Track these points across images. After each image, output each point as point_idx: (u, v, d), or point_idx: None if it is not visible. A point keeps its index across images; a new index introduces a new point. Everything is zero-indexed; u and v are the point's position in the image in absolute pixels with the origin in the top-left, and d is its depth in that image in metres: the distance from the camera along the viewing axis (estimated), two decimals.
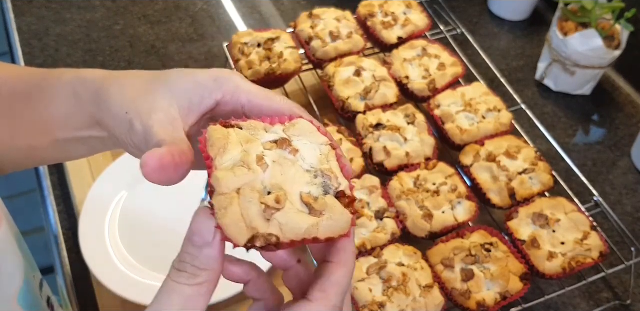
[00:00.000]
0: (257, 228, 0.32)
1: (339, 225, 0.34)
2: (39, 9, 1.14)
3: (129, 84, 0.40)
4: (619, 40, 0.95)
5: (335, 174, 0.35)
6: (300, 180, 0.34)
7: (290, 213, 0.33)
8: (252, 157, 0.34)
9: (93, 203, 0.82)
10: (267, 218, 0.32)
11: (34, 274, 0.57)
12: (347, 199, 0.35)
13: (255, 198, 0.33)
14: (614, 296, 0.80)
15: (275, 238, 0.32)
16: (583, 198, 0.82)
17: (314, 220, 0.33)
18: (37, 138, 0.46)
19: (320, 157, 0.36)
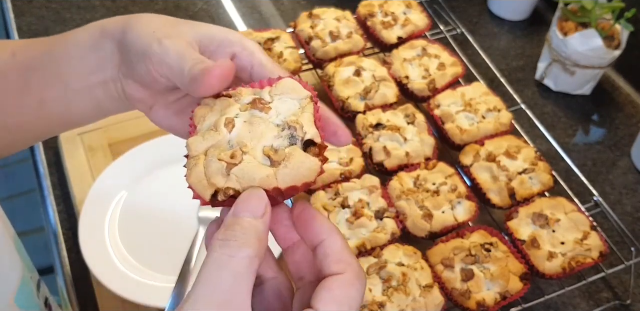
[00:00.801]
0: (216, 183, 0.34)
1: (299, 172, 0.35)
2: (39, 9, 1.14)
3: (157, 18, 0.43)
4: (619, 40, 0.95)
5: (302, 124, 0.36)
6: (268, 135, 0.36)
7: (247, 167, 0.35)
8: (221, 120, 0.36)
9: (93, 203, 0.82)
10: (227, 173, 0.35)
11: (31, 275, 0.56)
12: (315, 148, 0.36)
13: (215, 156, 0.35)
14: (614, 296, 0.80)
15: (234, 191, 0.34)
16: (583, 198, 0.82)
17: (270, 170, 0.35)
18: (48, 91, 0.46)
19: (295, 111, 0.37)
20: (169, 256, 0.78)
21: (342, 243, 0.36)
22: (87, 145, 0.90)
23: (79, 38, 0.46)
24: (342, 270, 0.35)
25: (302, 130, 0.36)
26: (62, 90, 0.46)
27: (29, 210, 1.38)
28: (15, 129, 0.50)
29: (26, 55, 0.47)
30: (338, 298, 0.34)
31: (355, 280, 0.35)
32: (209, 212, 0.82)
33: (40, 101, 0.47)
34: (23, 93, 0.47)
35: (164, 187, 0.86)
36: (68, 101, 0.47)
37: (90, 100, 0.47)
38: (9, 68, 0.47)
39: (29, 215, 1.34)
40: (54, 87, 0.46)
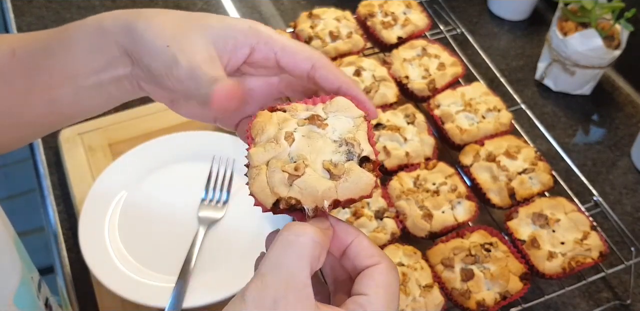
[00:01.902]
0: (279, 193, 0.37)
1: (357, 186, 0.37)
2: (39, 9, 1.14)
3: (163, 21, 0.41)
4: (619, 40, 0.95)
5: (359, 141, 0.39)
6: (326, 150, 0.38)
7: (310, 179, 0.37)
8: (282, 134, 0.39)
9: (93, 203, 0.82)
10: (289, 184, 0.37)
11: (31, 275, 0.56)
12: (370, 164, 0.38)
13: (279, 168, 0.37)
14: (614, 296, 0.80)
15: (296, 200, 0.37)
16: (583, 198, 0.82)
17: (331, 183, 0.37)
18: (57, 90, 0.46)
19: (350, 129, 0.39)
20: (169, 256, 0.78)
21: (369, 241, 0.38)
22: (87, 145, 0.90)
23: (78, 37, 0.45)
24: (377, 261, 0.37)
25: (359, 147, 0.39)
26: (71, 88, 0.46)
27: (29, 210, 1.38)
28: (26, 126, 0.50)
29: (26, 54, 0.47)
30: (383, 283, 0.36)
31: (392, 268, 0.37)
32: (209, 212, 0.83)
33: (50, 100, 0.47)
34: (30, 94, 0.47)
35: (164, 187, 0.86)
36: (79, 97, 0.47)
37: (101, 95, 0.47)
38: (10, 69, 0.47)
39: (29, 215, 1.34)
40: (62, 85, 0.46)
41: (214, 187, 0.85)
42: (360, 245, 0.38)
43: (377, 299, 0.35)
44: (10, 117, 0.48)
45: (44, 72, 0.46)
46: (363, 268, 0.37)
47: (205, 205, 0.83)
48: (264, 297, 0.33)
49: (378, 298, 0.35)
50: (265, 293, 0.33)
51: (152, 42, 0.41)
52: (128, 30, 0.42)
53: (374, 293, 0.36)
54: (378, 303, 0.35)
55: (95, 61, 0.45)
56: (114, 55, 0.44)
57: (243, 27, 0.41)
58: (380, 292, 0.36)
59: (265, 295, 0.33)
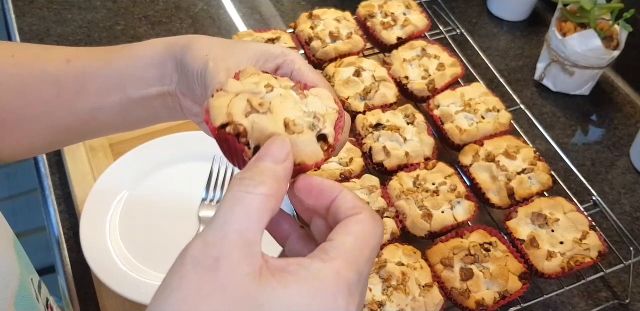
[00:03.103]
0: (233, 116, 0.37)
1: (303, 149, 0.37)
2: (40, 10, 1.15)
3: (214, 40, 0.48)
4: (617, 41, 0.95)
5: (326, 120, 0.39)
6: (294, 112, 0.39)
7: (265, 119, 0.37)
8: (264, 82, 0.40)
9: (94, 202, 0.82)
10: (246, 115, 0.37)
11: (31, 277, 0.56)
12: (326, 144, 0.39)
13: (246, 98, 0.38)
14: (612, 296, 0.80)
15: (243, 130, 0.37)
16: (582, 198, 0.83)
17: (282, 132, 0.37)
18: (105, 97, 0.49)
19: (323, 111, 0.40)
20: (170, 256, 0.78)
21: (353, 195, 0.37)
22: (88, 145, 0.90)
23: (144, 52, 0.49)
24: (357, 212, 0.35)
25: (324, 124, 0.39)
26: (119, 98, 0.48)
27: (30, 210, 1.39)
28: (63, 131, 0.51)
29: (81, 62, 0.49)
30: (353, 232, 0.34)
31: (370, 218, 0.35)
32: (209, 212, 0.83)
33: (94, 107, 0.49)
34: (78, 99, 0.49)
35: (164, 186, 0.86)
36: (123, 108, 0.49)
37: (146, 109, 0.49)
38: (63, 74, 0.49)
39: (30, 214, 1.34)
40: (112, 94, 0.48)
41: (214, 187, 0.85)
42: (343, 199, 0.36)
43: (342, 244, 0.33)
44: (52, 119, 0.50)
45: (97, 79, 0.48)
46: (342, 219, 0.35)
47: (205, 205, 0.84)
48: (204, 256, 0.30)
49: (344, 243, 0.33)
50: (206, 251, 0.31)
51: (196, 50, 0.46)
52: (186, 45, 0.47)
53: (340, 239, 0.33)
54: (341, 247, 0.33)
55: (151, 74, 0.48)
56: (167, 70, 0.47)
57: (276, 50, 0.47)
58: (348, 239, 0.33)
59: (207, 254, 0.30)
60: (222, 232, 0.31)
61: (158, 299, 0.30)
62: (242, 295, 0.30)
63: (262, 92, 0.39)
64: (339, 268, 0.32)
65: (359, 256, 0.33)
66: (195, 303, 0.29)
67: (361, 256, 0.33)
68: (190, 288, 0.30)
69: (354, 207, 0.36)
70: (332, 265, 0.32)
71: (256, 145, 0.37)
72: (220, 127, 0.37)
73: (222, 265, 0.30)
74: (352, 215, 0.35)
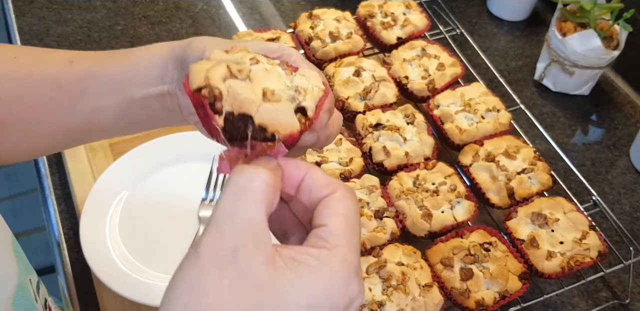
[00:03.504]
0: (210, 79, 0.37)
1: (278, 118, 0.37)
2: (40, 10, 1.15)
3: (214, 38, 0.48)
4: (617, 41, 0.95)
5: (307, 94, 0.39)
6: (276, 84, 0.39)
7: (242, 85, 0.37)
8: (250, 55, 0.40)
9: (94, 202, 0.82)
10: (223, 80, 0.37)
11: (29, 277, 0.56)
12: (304, 117, 0.39)
13: (227, 64, 0.38)
14: (612, 296, 0.80)
15: (219, 94, 0.36)
16: (582, 198, 0.83)
17: (258, 99, 0.37)
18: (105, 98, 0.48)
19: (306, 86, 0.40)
20: (170, 256, 0.78)
21: (321, 172, 0.37)
22: (88, 145, 0.90)
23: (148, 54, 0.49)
24: (333, 190, 0.36)
25: (304, 97, 0.39)
26: (119, 99, 0.48)
27: (30, 210, 1.39)
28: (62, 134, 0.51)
29: (84, 64, 0.50)
30: (341, 211, 0.35)
31: (348, 195, 0.36)
32: (209, 212, 0.83)
33: (95, 108, 0.49)
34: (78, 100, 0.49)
35: (164, 186, 0.86)
36: (123, 110, 0.49)
37: (145, 111, 0.49)
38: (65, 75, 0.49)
39: (30, 214, 1.34)
40: (111, 95, 0.48)
41: (214, 187, 0.85)
42: (313, 177, 0.37)
43: (337, 228, 0.34)
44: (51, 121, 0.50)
45: (98, 80, 0.48)
46: (320, 199, 0.36)
47: (205, 205, 0.84)
48: (221, 248, 0.31)
49: (338, 227, 0.34)
50: (222, 243, 0.31)
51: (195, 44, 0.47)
52: (187, 44, 0.48)
53: (333, 223, 0.34)
54: (338, 231, 0.34)
55: (153, 75, 0.48)
56: (169, 70, 0.48)
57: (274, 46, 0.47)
58: (339, 221, 0.34)
59: (223, 246, 0.31)
60: (233, 222, 0.32)
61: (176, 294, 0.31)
62: (262, 284, 0.30)
63: (246, 63, 0.39)
64: (345, 254, 0.33)
65: (354, 237, 0.34)
66: (220, 296, 0.30)
67: (355, 236, 0.35)
68: (212, 281, 0.30)
69: (328, 185, 0.36)
70: (337, 252, 0.33)
71: (229, 111, 0.37)
72: (197, 90, 0.37)
73: (239, 256, 0.31)
74: (330, 193, 0.36)
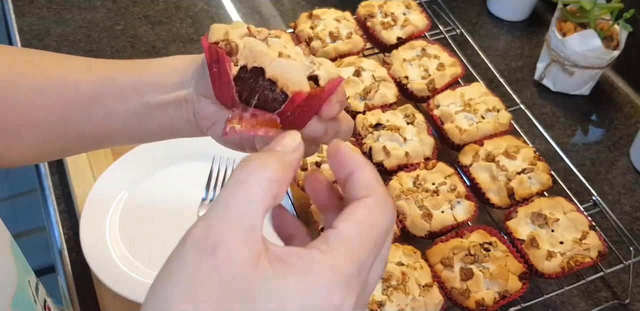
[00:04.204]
0: (229, 35, 0.38)
1: (290, 73, 0.38)
2: (40, 10, 1.15)
3: None
4: (617, 41, 0.95)
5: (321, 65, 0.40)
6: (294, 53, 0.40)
7: (259, 43, 0.38)
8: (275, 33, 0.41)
9: (94, 203, 0.82)
10: (242, 37, 0.39)
11: (28, 278, 0.56)
12: (315, 84, 0.39)
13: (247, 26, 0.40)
14: (612, 296, 0.81)
15: (235, 46, 0.38)
16: (582, 198, 0.83)
17: (273, 53, 0.38)
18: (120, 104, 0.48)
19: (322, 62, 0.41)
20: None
21: (371, 173, 0.35)
22: None
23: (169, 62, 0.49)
24: (367, 195, 0.33)
25: (319, 67, 0.40)
26: (135, 104, 0.48)
27: (30, 210, 1.39)
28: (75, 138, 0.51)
29: (103, 70, 0.49)
30: (359, 219, 0.32)
31: (381, 202, 0.33)
32: None
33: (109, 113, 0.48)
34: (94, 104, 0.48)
35: (164, 186, 0.86)
36: (138, 116, 0.49)
37: (160, 117, 0.49)
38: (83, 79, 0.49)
39: (30, 214, 1.34)
40: (126, 100, 0.48)
41: (214, 187, 0.85)
42: (359, 176, 0.34)
43: (345, 233, 0.31)
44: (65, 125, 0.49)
45: (116, 84, 0.48)
46: (353, 200, 0.33)
47: (205, 205, 0.84)
48: (204, 240, 0.30)
49: (347, 232, 0.31)
50: (207, 235, 0.30)
51: None
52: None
53: (344, 227, 0.31)
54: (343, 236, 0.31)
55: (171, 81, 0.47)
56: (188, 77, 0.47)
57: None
58: (352, 227, 0.31)
59: (207, 238, 0.30)
60: (223, 215, 0.30)
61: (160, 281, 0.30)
62: (237, 280, 0.29)
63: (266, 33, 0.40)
64: (338, 260, 0.30)
65: (361, 246, 0.31)
66: (191, 287, 0.29)
67: (363, 246, 0.31)
68: (188, 271, 0.29)
69: (367, 188, 0.34)
70: (330, 257, 0.30)
71: (244, 65, 0.37)
72: (213, 44, 0.38)
73: (220, 249, 0.29)
74: (361, 197, 0.33)
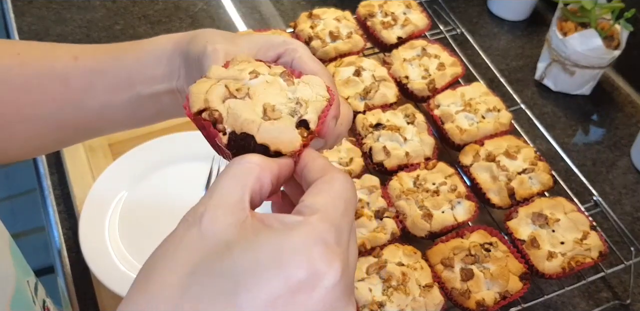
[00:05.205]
0: (210, 102, 0.37)
1: (279, 136, 0.37)
2: (39, 10, 1.14)
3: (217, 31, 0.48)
4: (618, 41, 0.95)
5: (308, 106, 0.39)
6: (277, 98, 0.38)
7: (242, 104, 0.37)
8: (250, 69, 0.40)
9: (93, 203, 0.82)
10: (223, 101, 0.37)
11: (27, 279, 0.56)
12: (305, 131, 0.38)
13: (224, 84, 0.38)
14: (613, 296, 0.80)
15: (219, 116, 0.37)
16: (583, 198, 0.83)
17: (257, 118, 0.37)
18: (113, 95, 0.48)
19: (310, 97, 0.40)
20: None
21: (324, 160, 0.37)
22: (87, 145, 0.90)
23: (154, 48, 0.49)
24: (324, 174, 0.36)
25: (306, 110, 0.39)
26: (128, 95, 0.48)
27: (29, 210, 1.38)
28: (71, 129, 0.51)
29: (90, 59, 0.49)
30: (326, 190, 0.34)
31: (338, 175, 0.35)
32: None
33: (105, 104, 0.49)
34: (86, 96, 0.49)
35: (164, 186, 0.86)
36: (133, 105, 0.49)
37: (155, 106, 0.49)
38: (71, 71, 0.49)
39: (29, 215, 1.34)
40: (121, 92, 0.48)
41: None
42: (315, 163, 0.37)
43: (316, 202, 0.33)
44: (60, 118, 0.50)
45: (106, 76, 0.48)
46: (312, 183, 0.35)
47: None
48: (191, 214, 0.32)
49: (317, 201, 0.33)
50: (195, 210, 0.32)
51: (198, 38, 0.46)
52: (191, 37, 0.47)
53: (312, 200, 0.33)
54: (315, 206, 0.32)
55: (160, 71, 0.47)
56: (175, 66, 0.47)
57: (277, 40, 0.46)
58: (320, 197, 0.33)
59: (194, 212, 0.32)
60: (211, 195, 0.33)
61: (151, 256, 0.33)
62: (217, 242, 0.30)
63: (245, 78, 0.39)
64: (314, 221, 0.31)
65: (334, 210, 0.33)
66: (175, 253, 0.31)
67: (336, 210, 0.33)
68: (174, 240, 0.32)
69: (322, 170, 0.36)
70: (307, 220, 0.31)
71: (232, 131, 0.37)
72: (197, 114, 0.37)
73: (204, 219, 0.31)
74: (320, 177, 0.35)
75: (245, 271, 0.29)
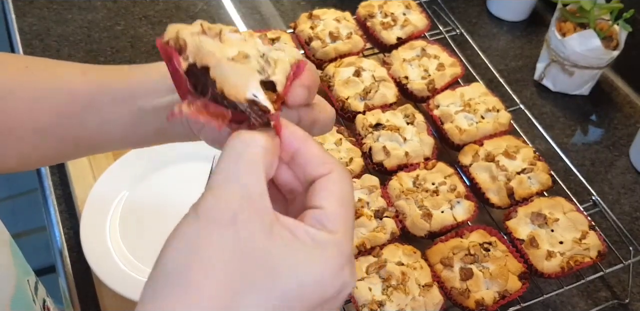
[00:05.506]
0: (180, 35, 0.37)
1: (231, 77, 0.36)
2: (40, 10, 1.15)
3: None
4: (617, 41, 0.95)
5: (277, 67, 0.38)
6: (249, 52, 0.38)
7: (211, 42, 0.37)
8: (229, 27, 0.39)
9: (94, 203, 0.83)
10: (194, 36, 0.37)
11: (28, 278, 0.56)
12: (272, 93, 0.37)
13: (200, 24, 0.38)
14: (612, 296, 0.81)
15: (184, 43, 0.37)
16: (581, 198, 0.83)
17: (221, 54, 0.36)
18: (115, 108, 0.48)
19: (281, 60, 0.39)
20: None
21: (319, 147, 0.37)
22: None
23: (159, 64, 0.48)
24: (329, 170, 0.36)
25: (274, 70, 0.38)
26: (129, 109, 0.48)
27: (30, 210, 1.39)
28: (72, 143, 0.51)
29: (97, 74, 0.49)
30: (337, 194, 0.35)
31: (344, 175, 0.36)
32: None
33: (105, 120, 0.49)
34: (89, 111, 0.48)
35: (165, 186, 0.87)
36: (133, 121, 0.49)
37: (154, 122, 0.49)
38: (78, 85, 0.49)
39: (30, 214, 1.34)
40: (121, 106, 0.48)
41: None
42: (310, 152, 0.36)
43: (334, 212, 0.34)
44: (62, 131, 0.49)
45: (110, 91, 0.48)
46: (315, 177, 0.36)
47: None
48: (221, 212, 0.32)
49: (334, 211, 0.34)
50: (221, 207, 0.32)
51: None
52: None
53: (329, 206, 0.34)
54: (334, 216, 0.34)
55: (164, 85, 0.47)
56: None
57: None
58: (335, 205, 0.34)
59: (222, 210, 0.32)
60: (231, 188, 0.32)
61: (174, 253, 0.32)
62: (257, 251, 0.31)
63: (225, 30, 0.39)
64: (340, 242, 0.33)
65: (349, 221, 0.35)
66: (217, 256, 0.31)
67: (350, 221, 0.35)
68: (211, 241, 0.31)
69: (324, 163, 0.36)
70: (334, 238, 0.33)
71: (193, 62, 0.36)
72: (165, 43, 0.37)
73: (238, 221, 0.31)
74: (325, 174, 0.36)
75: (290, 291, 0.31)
